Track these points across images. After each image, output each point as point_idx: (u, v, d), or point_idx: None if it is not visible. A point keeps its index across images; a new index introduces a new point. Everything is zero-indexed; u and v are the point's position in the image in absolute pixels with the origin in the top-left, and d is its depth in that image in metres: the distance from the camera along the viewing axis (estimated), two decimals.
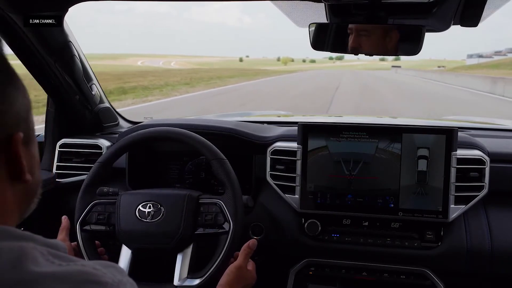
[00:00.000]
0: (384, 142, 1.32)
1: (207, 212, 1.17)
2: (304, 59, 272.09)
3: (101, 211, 1.22)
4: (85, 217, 1.22)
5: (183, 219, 1.15)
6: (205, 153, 1.22)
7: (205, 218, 1.16)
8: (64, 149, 1.62)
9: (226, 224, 1.15)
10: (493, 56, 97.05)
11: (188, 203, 1.17)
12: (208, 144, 1.23)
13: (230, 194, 1.17)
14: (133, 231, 1.17)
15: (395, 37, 1.15)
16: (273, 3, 1.28)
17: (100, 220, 1.21)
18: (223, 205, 1.17)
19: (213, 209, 1.17)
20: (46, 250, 0.48)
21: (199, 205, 1.18)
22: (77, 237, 1.21)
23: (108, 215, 1.21)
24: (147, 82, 22.98)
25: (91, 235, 1.22)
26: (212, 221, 1.16)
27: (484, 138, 1.51)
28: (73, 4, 1.34)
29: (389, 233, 1.37)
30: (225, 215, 1.15)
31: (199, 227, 1.16)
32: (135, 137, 1.26)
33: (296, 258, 1.43)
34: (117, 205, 1.20)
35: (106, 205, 1.22)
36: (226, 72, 39.88)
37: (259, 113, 2.46)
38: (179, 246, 1.15)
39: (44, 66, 1.46)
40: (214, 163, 1.20)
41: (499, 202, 1.37)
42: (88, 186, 1.25)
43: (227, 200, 1.17)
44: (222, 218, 1.16)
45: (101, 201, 1.23)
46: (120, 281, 0.49)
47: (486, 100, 16.18)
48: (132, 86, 19.73)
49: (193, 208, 1.17)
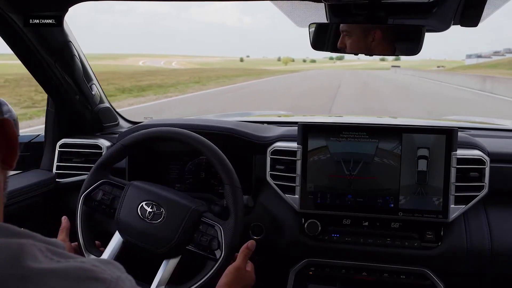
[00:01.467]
0: (384, 142, 1.32)
1: (205, 233, 1.15)
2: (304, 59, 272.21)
3: (108, 191, 1.23)
4: (91, 192, 1.23)
5: (180, 230, 1.13)
6: (222, 175, 1.19)
7: (201, 238, 1.14)
8: (64, 149, 1.62)
9: (218, 252, 1.12)
10: (491, 56, 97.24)
11: (191, 217, 1.15)
12: (228, 167, 1.20)
13: (232, 224, 1.14)
14: (130, 224, 1.17)
15: (377, 36, 1.15)
16: (273, 3, 1.28)
17: (104, 200, 1.22)
18: (221, 233, 1.14)
19: (211, 232, 1.15)
20: (44, 247, 0.48)
21: (200, 222, 1.16)
22: (77, 209, 1.22)
23: (112, 198, 1.22)
24: (159, 80, 24.08)
25: (92, 210, 1.23)
26: (206, 243, 1.14)
27: (484, 138, 1.51)
28: (73, 4, 1.34)
29: (389, 233, 1.37)
30: (220, 243, 1.13)
31: (191, 243, 1.15)
32: (168, 131, 1.26)
33: (296, 258, 1.43)
34: (123, 193, 1.20)
35: (114, 187, 1.23)
36: (232, 72, 41.03)
37: (259, 113, 2.46)
38: (168, 254, 1.15)
39: (44, 66, 1.46)
40: (227, 188, 1.18)
41: (499, 202, 1.37)
42: (104, 162, 1.26)
43: (227, 229, 1.14)
44: (216, 244, 1.13)
45: (110, 182, 1.24)
46: (119, 277, 0.49)
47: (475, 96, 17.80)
48: (147, 84, 20.84)
49: (193, 223, 1.15)
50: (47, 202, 1.55)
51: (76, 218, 1.23)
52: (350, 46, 1.19)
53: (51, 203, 1.56)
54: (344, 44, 1.19)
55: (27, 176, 1.54)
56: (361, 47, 1.18)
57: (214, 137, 1.32)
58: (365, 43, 1.17)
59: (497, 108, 13.11)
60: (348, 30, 1.18)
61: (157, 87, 19.89)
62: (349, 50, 1.19)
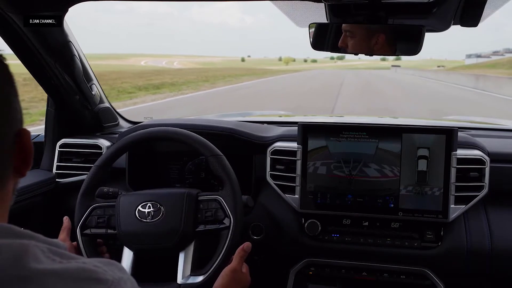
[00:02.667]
0: (384, 142, 1.32)
1: (207, 209, 1.17)
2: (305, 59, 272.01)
3: (101, 214, 1.21)
4: (85, 221, 1.21)
5: (183, 217, 1.15)
6: (201, 150, 1.22)
7: (205, 215, 1.16)
8: (64, 149, 1.62)
9: (226, 220, 1.15)
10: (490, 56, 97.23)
11: (188, 201, 1.17)
12: (204, 141, 1.22)
13: (229, 189, 1.17)
14: (133, 232, 1.16)
15: (381, 40, 1.15)
16: (273, 3, 1.28)
17: (100, 224, 1.20)
18: (222, 201, 1.16)
19: (213, 205, 1.17)
20: (46, 247, 0.48)
21: (199, 202, 1.18)
22: (78, 241, 1.21)
23: (108, 218, 1.20)
24: (169, 79, 24.86)
25: (91, 238, 1.22)
26: (212, 217, 1.16)
27: (484, 138, 1.50)
28: (73, 4, 1.34)
29: (389, 233, 1.37)
30: (225, 210, 1.15)
31: (200, 224, 1.16)
32: (132, 138, 1.26)
33: (296, 258, 1.43)
34: (117, 207, 1.19)
35: (105, 208, 1.22)
36: (236, 71, 41.90)
37: (259, 113, 2.46)
38: (180, 245, 1.15)
39: (44, 66, 1.46)
40: (211, 159, 1.20)
41: (499, 202, 1.37)
42: (87, 189, 1.24)
43: (226, 196, 1.17)
44: (222, 214, 1.15)
45: (100, 205, 1.22)
46: (120, 278, 0.49)
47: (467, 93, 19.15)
48: (159, 82, 21.68)
49: (192, 206, 1.16)
50: (47, 202, 1.55)
51: (79, 247, 1.20)
52: (352, 46, 1.19)
53: (51, 203, 1.56)
54: (346, 44, 1.19)
55: (27, 176, 1.53)
56: (363, 48, 1.18)
57: (214, 137, 1.32)
58: (368, 45, 1.17)
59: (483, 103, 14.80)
60: (351, 30, 1.18)
61: (169, 85, 20.78)
62: (351, 50, 1.19)
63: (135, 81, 21.31)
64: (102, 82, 1.74)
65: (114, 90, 16.36)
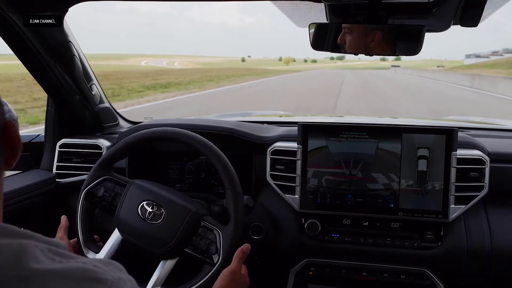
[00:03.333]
0: (384, 142, 1.32)
1: (203, 236, 1.15)
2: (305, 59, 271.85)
3: (110, 188, 1.23)
4: (93, 188, 1.23)
5: (179, 232, 1.14)
6: (225, 179, 1.19)
7: (199, 241, 1.14)
8: (64, 149, 1.62)
9: (215, 256, 1.13)
10: (490, 56, 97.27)
11: (190, 219, 1.15)
12: (230, 171, 1.20)
13: (231, 230, 1.14)
14: (130, 223, 1.17)
15: (377, 37, 1.15)
16: (273, 3, 1.28)
17: (105, 197, 1.22)
18: (220, 238, 1.14)
19: (210, 236, 1.15)
20: (46, 247, 0.48)
21: (199, 226, 1.16)
22: (78, 205, 1.23)
23: (114, 195, 1.22)
24: (174, 79, 25.64)
25: (92, 205, 1.23)
26: (204, 247, 1.14)
27: (484, 138, 1.50)
28: (73, 4, 1.34)
29: (389, 233, 1.37)
30: (218, 248, 1.13)
31: (190, 246, 1.15)
32: (174, 131, 1.26)
33: (296, 258, 1.43)
34: (125, 191, 1.20)
35: (116, 184, 1.23)
36: (238, 71, 42.73)
37: (259, 113, 2.46)
38: (165, 255, 1.15)
39: (44, 66, 1.46)
40: (229, 193, 1.18)
41: (499, 202, 1.37)
42: (106, 160, 1.26)
43: (226, 235, 1.14)
44: (214, 249, 1.13)
45: (113, 179, 1.24)
46: (120, 278, 0.49)
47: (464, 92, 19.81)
48: (165, 82, 22.40)
49: (192, 226, 1.15)
50: (47, 202, 1.55)
51: (77, 213, 1.23)
52: (350, 44, 1.19)
53: (51, 203, 1.56)
54: (344, 40, 1.19)
55: (27, 176, 1.54)
56: (360, 47, 1.18)
57: (214, 137, 1.32)
58: (365, 42, 1.16)
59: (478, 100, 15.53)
60: (349, 27, 1.18)
61: (176, 85, 21.32)
62: (349, 49, 1.19)
63: (141, 81, 21.96)
64: (110, 82, 1.76)
65: (123, 89, 16.86)
